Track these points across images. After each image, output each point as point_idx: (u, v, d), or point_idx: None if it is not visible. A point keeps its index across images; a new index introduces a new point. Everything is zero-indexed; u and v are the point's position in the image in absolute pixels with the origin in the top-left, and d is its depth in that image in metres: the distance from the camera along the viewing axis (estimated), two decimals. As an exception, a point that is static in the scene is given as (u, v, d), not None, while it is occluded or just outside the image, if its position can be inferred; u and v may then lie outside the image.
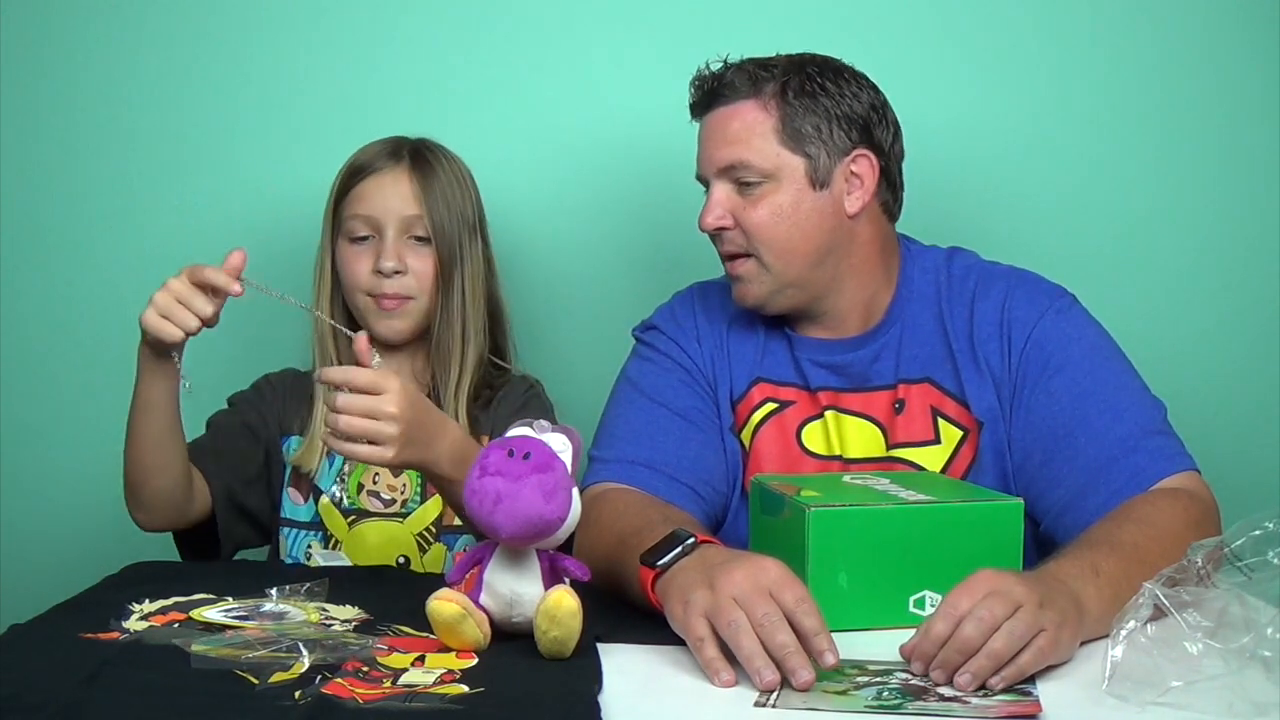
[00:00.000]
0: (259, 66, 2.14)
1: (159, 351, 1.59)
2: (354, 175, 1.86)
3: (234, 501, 1.81)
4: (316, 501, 1.84)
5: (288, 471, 1.86)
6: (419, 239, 1.84)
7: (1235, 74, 2.09)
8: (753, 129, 1.66)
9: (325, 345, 1.86)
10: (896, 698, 1.21)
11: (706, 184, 1.71)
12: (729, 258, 1.71)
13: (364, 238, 1.84)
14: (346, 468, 1.85)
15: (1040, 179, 2.12)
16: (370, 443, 1.50)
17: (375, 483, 1.85)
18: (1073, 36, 2.10)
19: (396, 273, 1.83)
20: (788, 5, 2.10)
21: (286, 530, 1.85)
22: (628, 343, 1.81)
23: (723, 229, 1.69)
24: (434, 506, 1.82)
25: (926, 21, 2.11)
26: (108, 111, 2.16)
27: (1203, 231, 2.11)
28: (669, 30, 2.11)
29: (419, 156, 1.87)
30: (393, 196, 1.84)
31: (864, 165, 1.69)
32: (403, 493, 1.84)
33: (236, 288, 1.54)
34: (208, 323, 1.55)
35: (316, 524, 1.84)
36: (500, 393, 1.88)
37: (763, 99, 1.66)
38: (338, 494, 1.84)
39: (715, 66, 1.70)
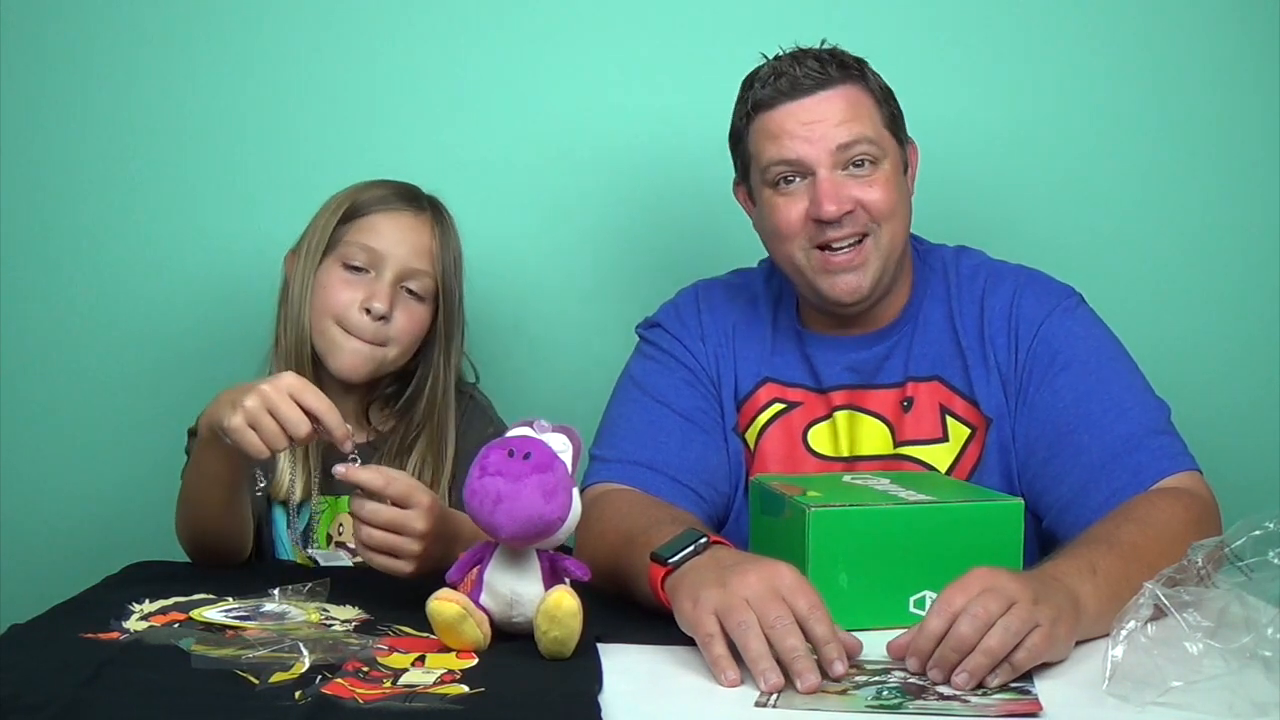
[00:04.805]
0: (259, 64, 2.14)
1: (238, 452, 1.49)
2: (368, 205, 1.78)
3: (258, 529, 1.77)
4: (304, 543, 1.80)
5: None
6: (411, 293, 1.77)
7: (1235, 75, 2.09)
8: (863, 108, 1.65)
9: (299, 356, 1.78)
10: (896, 696, 1.21)
11: (799, 172, 1.64)
12: (838, 248, 1.64)
13: (358, 268, 1.76)
14: (314, 517, 1.79)
15: (1040, 179, 2.12)
16: (390, 554, 1.48)
17: (340, 533, 1.78)
18: (1074, 36, 2.11)
19: (381, 318, 1.75)
20: (792, 3, 2.10)
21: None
22: (627, 340, 1.81)
23: (846, 213, 1.63)
24: None
25: (928, 19, 2.11)
26: (109, 114, 2.15)
27: (1203, 231, 2.11)
28: (675, 32, 2.12)
29: (439, 211, 1.81)
30: (406, 242, 1.76)
31: (912, 153, 1.72)
32: None
33: (348, 444, 1.48)
34: (297, 443, 1.48)
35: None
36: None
37: (861, 84, 1.66)
38: (305, 542, 1.79)
39: (789, 53, 1.67)
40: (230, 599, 1.46)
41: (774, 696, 1.22)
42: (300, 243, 1.82)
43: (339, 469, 1.47)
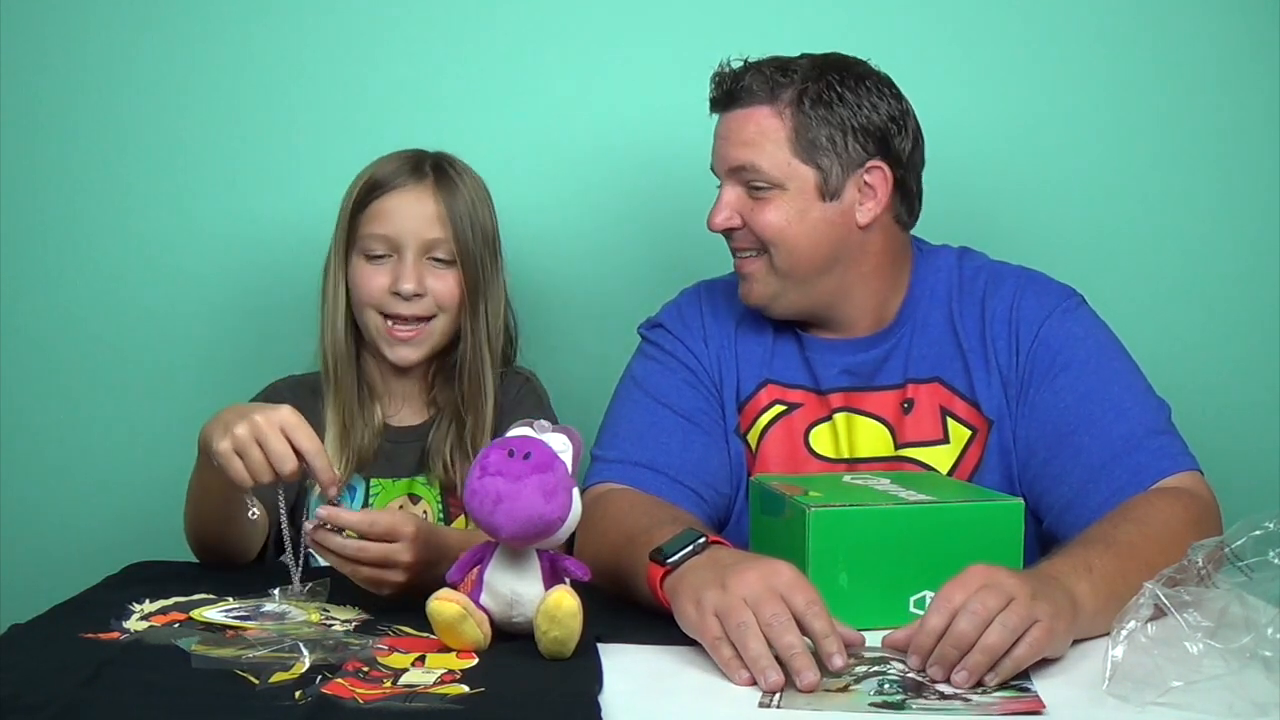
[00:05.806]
0: (263, 67, 2.14)
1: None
2: (373, 190, 1.79)
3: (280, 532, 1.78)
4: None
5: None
6: (439, 260, 1.79)
7: (1233, 75, 2.09)
8: (765, 135, 1.65)
9: (335, 353, 1.80)
10: (897, 691, 1.21)
11: (720, 179, 1.72)
12: (739, 255, 1.71)
13: (381, 255, 1.79)
14: (369, 502, 1.80)
15: (1041, 179, 2.12)
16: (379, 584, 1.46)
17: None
18: (1077, 36, 2.11)
19: (416, 295, 1.77)
20: (793, 4, 2.10)
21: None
22: (627, 340, 1.81)
23: (731, 229, 1.69)
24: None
25: (931, 19, 2.11)
26: (109, 114, 2.15)
27: (1204, 231, 2.11)
28: (673, 32, 2.11)
29: (442, 174, 1.81)
30: (415, 216, 1.78)
31: (878, 177, 1.67)
32: None
33: (334, 490, 1.47)
34: (283, 480, 1.46)
35: None
36: (498, 396, 1.84)
37: (778, 106, 1.65)
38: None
39: (736, 65, 1.69)
40: (230, 599, 1.46)
41: (777, 696, 1.22)
42: (332, 241, 1.84)
43: (321, 511, 1.44)
